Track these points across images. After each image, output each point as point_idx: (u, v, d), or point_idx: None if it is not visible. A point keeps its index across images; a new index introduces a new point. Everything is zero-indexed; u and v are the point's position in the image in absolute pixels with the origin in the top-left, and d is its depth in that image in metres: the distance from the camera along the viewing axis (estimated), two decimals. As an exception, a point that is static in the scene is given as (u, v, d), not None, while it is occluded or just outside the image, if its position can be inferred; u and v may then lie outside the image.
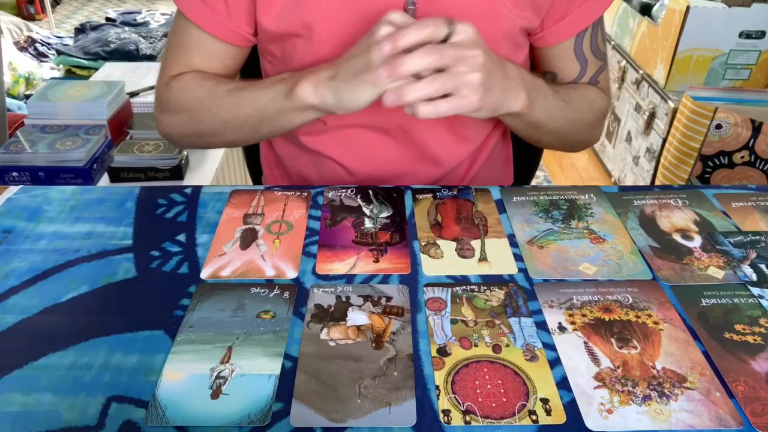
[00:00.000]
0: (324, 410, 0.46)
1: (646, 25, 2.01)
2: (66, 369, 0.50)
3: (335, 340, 0.53)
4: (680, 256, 0.63)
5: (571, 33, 0.74)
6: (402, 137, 0.79)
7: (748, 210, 0.70)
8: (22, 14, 3.89)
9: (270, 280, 0.59)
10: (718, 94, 1.55)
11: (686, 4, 1.78)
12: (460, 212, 0.70)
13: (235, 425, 0.45)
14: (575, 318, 0.55)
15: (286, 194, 0.73)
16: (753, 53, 1.84)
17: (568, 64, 0.77)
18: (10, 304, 0.57)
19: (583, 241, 0.65)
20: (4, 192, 0.73)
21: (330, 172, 0.83)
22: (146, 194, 0.73)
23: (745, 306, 0.56)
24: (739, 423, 0.46)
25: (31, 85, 2.23)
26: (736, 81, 1.89)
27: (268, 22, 0.70)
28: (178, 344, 0.52)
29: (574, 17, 0.73)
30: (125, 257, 0.62)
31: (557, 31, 0.74)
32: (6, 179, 1.05)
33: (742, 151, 1.42)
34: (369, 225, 0.67)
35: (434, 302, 0.57)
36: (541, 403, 0.47)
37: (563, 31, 0.74)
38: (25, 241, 0.65)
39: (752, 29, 1.80)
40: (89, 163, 1.06)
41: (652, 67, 1.97)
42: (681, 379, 0.49)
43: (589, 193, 0.73)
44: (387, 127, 0.78)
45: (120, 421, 0.46)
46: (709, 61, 1.85)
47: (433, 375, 0.49)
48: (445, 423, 0.45)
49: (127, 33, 2.11)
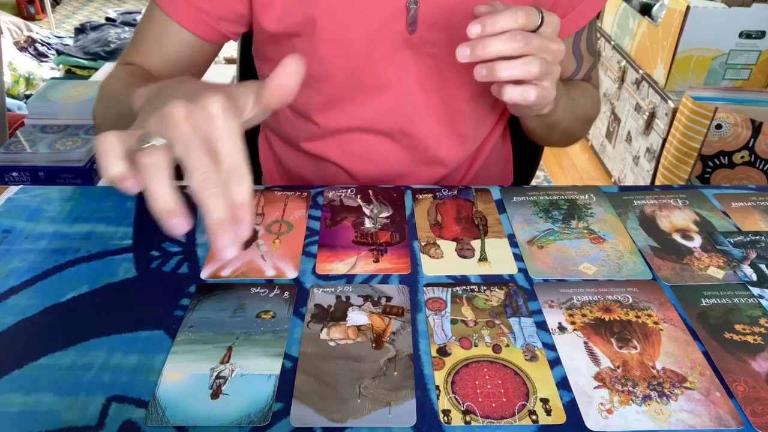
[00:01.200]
0: (324, 410, 0.46)
1: (646, 25, 2.01)
2: (66, 369, 0.50)
3: (335, 340, 0.53)
4: (680, 256, 0.63)
5: (571, 30, 0.74)
6: (403, 140, 0.79)
7: (748, 210, 0.70)
8: (22, 14, 3.89)
9: (270, 280, 0.59)
10: (718, 94, 1.55)
11: (686, 4, 1.78)
12: (460, 212, 0.70)
13: (235, 425, 0.45)
14: (575, 318, 0.55)
15: (286, 194, 0.73)
16: (753, 53, 1.84)
17: (566, 61, 0.77)
18: (10, 304, 0.57)
19: (583, 241, 0.65)
20: (4, 192, 0.73)
21: (330, 174, 0.83)
22: (146, 194, 0.73)
23: (745, 306, 0.56)
24: (739, 423, 0.46)
25: (31, 85, 2.23)
26: (736, 81, 1.89)
27: (268, 22, 0.70)
28: (178, 344, 0.52)
29: (574, 15, 0.73)
30: (125, 257, 0.62)
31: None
32: (6, 179, 1.05)
33: (742, 151, 1.42)
34: (369, 225, 0.67)
35: (434, 302, 0.57)
36: (541, 403, 0.47)
37: (564, 29, 0.74)
38: (25, 241, 0.65)
39: (752, 29, 1.80)
40: (89, 163, 1.06)
41: (652, 67, 1.97)
42: (681, 379, 0.49)
43: (589, 193, 0.73)
44: (388, 130, 0.78)
45: (120, 421, 0.46)
46: (709, 61, 1.85)
47: (433, 375, 0.49)
48: (445, 423, 0.46)
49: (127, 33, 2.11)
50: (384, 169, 0.81)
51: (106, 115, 0.70)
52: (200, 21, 0.70)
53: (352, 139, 0.79)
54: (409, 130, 0.77)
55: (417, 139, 0.78)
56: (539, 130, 0.76)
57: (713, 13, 1.78)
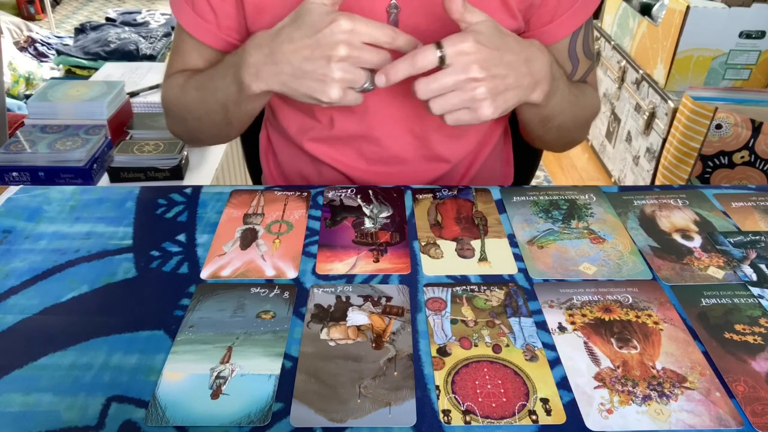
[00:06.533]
0: (324, 410, 0.46)
1: (646, 25, 2.01)
2: (66, 369, 0.50)
3: (335, 340, 0.53)
4: (680, 256, 0.63)
5: (564, 33, 0.74)
6: (401, 141, 0.79)
7: (748, 210, 0.70)
8: (22, 14, 3.89)
9: (270, 280, 0.59)
10: (718, 94, 1.55)
11: (686, 4, 1.78)
12: (460, 212, 0.70)
13: (235, 425, 0.45)
14: (575, 318, 0.55)
15: (286, 194, 0.73)
16: (753, 53, 1.84)
17: (562, 63, 0.77)
18: (10, 304, 0.57)
19: (583, 241, 0.65)
20: (4, 192, 0.73)
21: (330, 175, 0.84)
22: (146, 194, 0.73)
23: (745, 306, 0.56)
24: (739, 423, 0.46)
25: (31, 85, 2.23)
26: (736, 81, 1.89)
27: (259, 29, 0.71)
28: (178, 344, 0.52)
29: (568, 17, 0.72)
30: (125, 257, 0.62)
31: (550, 32, 0.73)
32: (6, 179, 1.05)
33: (742, 151, 1.42)
34: (369, 225, 0.67)
35: (434, 302, 0.57)
36: (541, 403, 0.47)
37: (556, 32, 0.73)
38: (25, 241, 0.65)
39: (752, 29, 1.80)
40: (89, 163, 1.06)
41: (652, 67, 1.97)
42: (681, 379, 0.49)
43: (589, 193, 0.73)
44: (384, 132, 0.78)
45: (120, 421, 0.46)
46: (709, 61, 1.85)
47: (433, 375, 0.49)
48: (445, 423, 0.46)
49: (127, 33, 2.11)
50: (386, 170, 0.82)
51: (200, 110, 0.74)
52: (208, 31, 0.74)
53: (357, 145, 0.79)
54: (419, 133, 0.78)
55: (423, 140, 0.78)
56: (533, 122, 0.76)
57: (713, 13, 1.78)
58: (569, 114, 0.75)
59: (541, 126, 0.76)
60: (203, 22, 0.74)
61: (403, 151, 0.80)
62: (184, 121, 0.79)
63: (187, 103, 0.75)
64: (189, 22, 0.74)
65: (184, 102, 0.75)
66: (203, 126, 0.77)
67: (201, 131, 0.79)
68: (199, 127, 0.78)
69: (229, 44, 0.75)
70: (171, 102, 0.78)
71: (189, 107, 0.75)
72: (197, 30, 0.74)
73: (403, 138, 0.79)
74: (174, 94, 0.77)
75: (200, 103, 0.73)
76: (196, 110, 0.75)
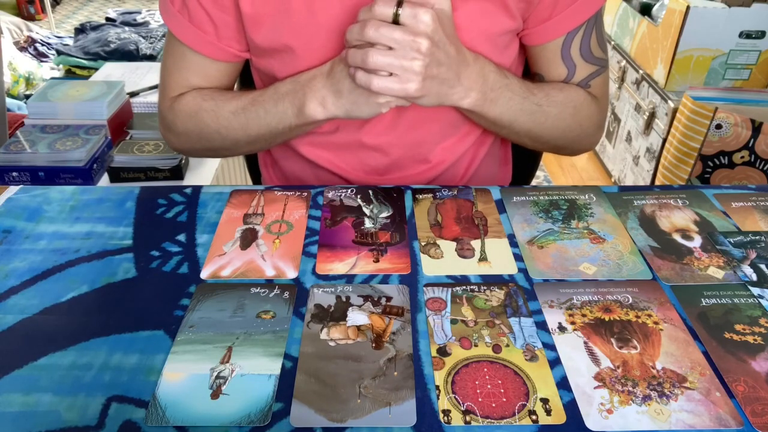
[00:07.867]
0: (324, 410, 0.46)
1: (646, 25, 2.01)
2: (66, 369, 0.50)
3: (335, 340, 0.53)
4: (680, 256, 0.63)
5: (557, 34, 0.72)
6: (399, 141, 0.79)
7: (748, 210, 0.70)
8: (22, 14, 3.89)
9: (270, 280, 0.59)
10: (718, 94, 1.55)
11: (686, 4, 1.78)
12: (460, 212, 0.70)
13: (235, 425, 0.45)
14: (575, 318, 0.55)
15: (286, 194, 0.73)
16: (753, 53, 1.84)
17: (555, 66, 0.75)
18: (10, 304, 0.57)
19: (583, 241, 0.65)
20: (4, 192, 0.73)
21: (328, 180, 0.84)
22: (146, 194, 0.73)
23: (745, 306, 0.56)
24: (739, 423, 0.46)
25: (31, 85, 2.23)
26: (736, 81, 1.89)
27: (260, 39, 0.72)
28: (178, 344, 0.52)
29: (565, 16, 0.71)
30: (125, 257, 0.62)
31: (543, 31, 0.72)
32: (6, 179, 1.05)
33: (742, 151, 1.42)
34: (369, 225, 0.67)
35: (434, 302, 0.57)
36: (541, 403, 0.47)
37: (549, 32, 0.72)
38: (25, 241, 0.65)
39: (752, 29, 1.80)
40: (89, 163, 1.06)
41: (652, 67, 1.97)
42: (681, 379, 0.49)
43: (589, 193, 0.73)
44: (382, 133, 0.78)
45: (120, 421, 0.46)
46: (709, 61, 1.85)
47: (433, 375, 0.49)
48: (445, 423, 0.46)
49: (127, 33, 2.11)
50: (383, 171, 0.82)
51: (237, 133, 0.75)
52: (210, 44, 0.73)
53: (355, 151, 0.79)
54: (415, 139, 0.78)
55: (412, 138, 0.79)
56: (484, 126, 0.76)
57: (713, 13, 1.78)
58: (529, 121, 0.73)
59: (498, 129, 0.76)
60: (203, 34, 0.72)
61: (401, 158, 0.80)
62: (202, 141, 0.78)
63: (219, 126, 0.74)
64: (188, 35, 0.73)
65: (216, 127, 0.75)
66: (237, 147, 0.77)
67: (230, 150, 0.80)
68: (224, 145, 0.77)
69: (231, 54, 0.75)
70: (185, 123, 0.77)
71: (219, 129, 0.75)
72: (198, 43, 0.73)
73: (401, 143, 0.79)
74: (189, 116, 0.76)
75: (240, 127, 0.74)
76: (233, 133, 0.74)
